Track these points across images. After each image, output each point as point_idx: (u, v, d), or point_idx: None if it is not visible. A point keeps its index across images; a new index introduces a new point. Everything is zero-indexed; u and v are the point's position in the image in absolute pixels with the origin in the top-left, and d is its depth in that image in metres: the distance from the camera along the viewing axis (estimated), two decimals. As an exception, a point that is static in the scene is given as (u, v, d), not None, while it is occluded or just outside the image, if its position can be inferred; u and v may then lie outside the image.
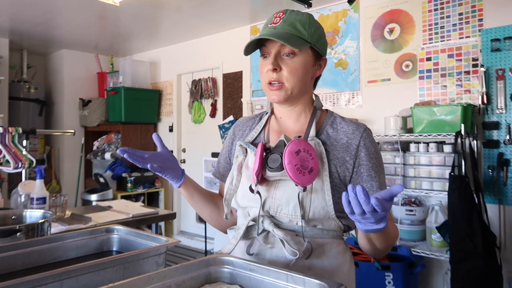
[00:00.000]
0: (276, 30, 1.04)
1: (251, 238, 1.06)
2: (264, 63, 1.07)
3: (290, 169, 0.95)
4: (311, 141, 1.05)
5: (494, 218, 2.67)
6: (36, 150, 5.02)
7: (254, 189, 1.03)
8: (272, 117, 1.18)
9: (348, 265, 1.07)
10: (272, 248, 1.03)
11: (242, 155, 1.11)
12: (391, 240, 1.00)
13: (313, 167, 0.97)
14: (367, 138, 1.07)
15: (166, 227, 5.09)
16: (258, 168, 1.01)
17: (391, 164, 2.87)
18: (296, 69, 1.04)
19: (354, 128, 1.08)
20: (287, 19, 1.05)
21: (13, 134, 2.46)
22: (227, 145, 1.24)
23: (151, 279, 0.82)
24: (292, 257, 0.97)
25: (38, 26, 4.25)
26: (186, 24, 4.23)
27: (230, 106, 4.46)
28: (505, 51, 2.65)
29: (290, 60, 1.04)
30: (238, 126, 1.24)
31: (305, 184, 0.96)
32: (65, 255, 1.17)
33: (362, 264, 2.62)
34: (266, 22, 1.08)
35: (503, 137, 2.65)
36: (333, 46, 3.58)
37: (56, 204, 2.08)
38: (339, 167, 1.04)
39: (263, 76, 1.08)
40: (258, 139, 1.15)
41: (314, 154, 0.99)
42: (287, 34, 1.02)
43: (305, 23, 1.05)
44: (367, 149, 1.05)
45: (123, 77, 4.97)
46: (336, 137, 1.07)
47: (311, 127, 1.08)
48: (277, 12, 1.08)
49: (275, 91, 1.05)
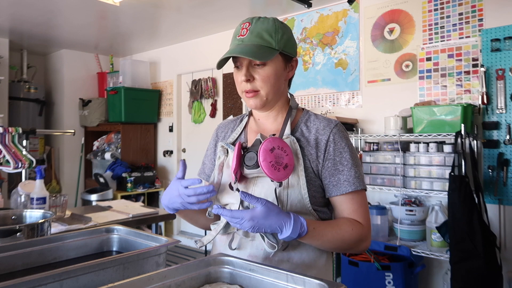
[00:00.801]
0: (244, 43, 1.08)
1: (231, 233, 1.11)
2: (237, 74, 1.13)
3: (265, 166, 0.99)
4: (287, 138, 1.11)
5: (494, 218, 2.67)
6: (36, 150, 5.02)
7: (233, 186, 1.08)
8: (251, 118, 1.25)
9: (325, 260, 1.12)
10: (253, 240, 1.08)
11: (223, 155, 1.17)
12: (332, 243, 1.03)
13: (287, 163, 1.02)
14: (336, 134, 1.11)
15: (166, 227, 5.09)
16: (235, 166, 1.06)
17: (391, 164, 2.87)
18: (268, 77, 1.09)
19: (325, 124, 1.13)
20: (254, 30, 1.08)
21: (13, 134, 2.46)
22: (211, 146, 1.31)
23: (151, 279, 0.82)
24: (270, 250, 1.02)
25: (38, 26, 4.25)
26: (186, 24, 4.23)
27: (230, 106, 4.46)
28: (505, 51, 2.65)
29: (262, 69, 1.09)
30: (220, 128, 1.31)
31: (280, 179, 1.01)
32: (65, 255, 1.17)
33: (362, 264, 2.62)
34: (235, 33, 1.13)
35: (503, 137, 2.65)
36: (333, 46, 3.58)
37: (56, 204, 2.08)
38: (312, 162, 1.09)
39: (238, 86, 1.14)
40: (239, 139, 1.21)
41: (288, 151, 1.03)
42: (254, 47, 1.06)
43: (271, 31, 1.09)
44: (335, 143, 1.10)
45: (123, 77, 4.97)
46: (309, 134, 1.13)
47: (286, 126, 1.13)
48: (243, 22, 1.11)
49: (251, 98, 1.11)
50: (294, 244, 1.07)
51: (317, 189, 1.09)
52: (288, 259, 1.07)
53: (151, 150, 5.28)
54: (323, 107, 3.63)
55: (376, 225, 2.83)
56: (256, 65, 1.09)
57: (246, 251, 1.08)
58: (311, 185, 1.07)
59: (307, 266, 1.07)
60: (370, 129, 3.30)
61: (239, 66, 1.12)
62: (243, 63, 1.10)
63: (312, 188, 1.07)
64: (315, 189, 1.08)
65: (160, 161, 5.33)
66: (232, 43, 1.12)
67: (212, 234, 1.11)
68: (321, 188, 1.10)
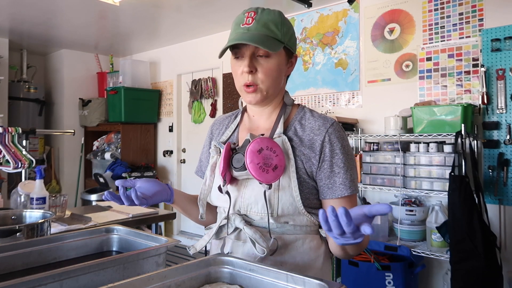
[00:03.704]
0: (250, 31, 1.02)
1: (222, 238, 1.09)
2: (237, 64, 1.06)
3: (252, 168, 0.96)
4: (278, 138, 1.06)
5: (494, 218, 2.67)
6: (36, 150, 5.02)
7: (222, 189, 1.05)
8: (245, 115, 1.20)
9: (321, 261, 1.07)
10: (245, 243, 1.05)
11: (216, 155, 1.13)
12: (364, 245, 1.02)
13: (277, 164, 0.97)
14: (332, 134, 1.05)
15: (166, 227, 5.09)
16: (223, 168, 1.03)
17: (391, 164, 2.87)
18: (271, 70, 1.04)
19: (321, 123, 1.07)
20: (260, 19, 1.02)
21: (13, 134, 2.46)
22: (206, 144, 1.28)
23: (151, 279, 0.82)
24: (260, 254, 1.00)
25: (38, 26, 4.25)
26: (186, 24, 4.22)
27: (230, 106, 4.46)
28: (505, 51, 2.65)
29: (265, 61, 1.03)
30: (215, 125, 1.28)
31: (269, 181, 0.97)
32: (65, 255, 1.17)
33: (362, 264, 2.62)
34: (237, 21, 1.05)
35: (503, 137, 2.65)
36: (333, 46, 3.58)
37: (56, 204, 2.07)
38: (305, 163, 1.04)
39: (238, 78, 1.07)
40: (232, 138, 1.17)
41: (278, 151, 0.99)
42: (262, 36, 1.01)
43: (277, 22, 1.04)
44: (331, 144, 1.04)
45: (123, 77, 4.97)
46: (302, 133, 1.07)
47: (278, 124, 1.09)
48: (247, 11, 1.05)
49: (251, 93, 1.05)
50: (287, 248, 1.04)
51: (310, 190, 1.04)
52: (281, 263, 1.03)
53: (151, 150, 5.28)
54: (323, 107, 3.63)
55: (376, 225, 2.83)
56: (259, 56, 1.03)
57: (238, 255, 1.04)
58: (303, 186, 1.03)
59: (301, 268, 1.04)
60: (370, 129, 3.30)
61: (239, 57, 1.05)
62: (246, 53, 1.03)
63: (304, 189, 1.03)
64: (308, 191, 1.03)
65: (160, 161, 5.33)
66: (234, 31, 1.05)
67: (205, 239, 1.09)
68: (315, 189, 1.05)
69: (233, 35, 1.04)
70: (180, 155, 5.11)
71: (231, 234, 1.07)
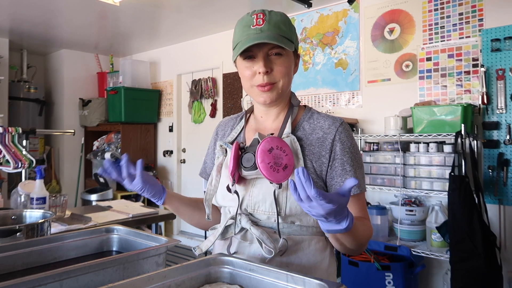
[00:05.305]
0: (264, 32, 1.02)
1: (229, 238, 1.08)
2: (250, 66, 1.05)
3: (263, 168, 0.95)
4: (287, 138, 1.06)
5: (494, 218, 2.67)
6: (36, 150, 5.02)
7: (231, 189, 1.05)
8: (252, 116, 1.20)
9: (327, 262, 1.07)
10: (251, 244, 1.05)
11: (222, 155, 1.13)
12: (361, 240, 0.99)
13: (287, 163, 0.97)
14: (342, 132, 1.06)
15: (166, 227, 5.09)
16: (233, 168, 1.03)
17: (391, 164, 2.87)
18: (286, 67, 1.05)
19: (330, 122, 1.08)
20: (270, 20, 1.03)
21: (13, 134, 2.46)
22: (211, 145, 1.27)
23: (151, 279, 0.82)
24: (267, 255, 0.99)
25: (38, 26, 4.25)
26: (186, 24, 4.22)
27: (230, 106, 4.46)
28: (505, 51, 2.65)
29: (279, 60, 1.04)
30: (220, 127, 1.27)
31: (280, 181, 0.97)
32: (65, 255, 1.17)
33: (362, 264, 2.62)
34: (245, 24, 1.04)
35: (503, 137, 2.65)
36: (333, 46, 3.58)
37: (56, 204, 2.07)
38: (315, 162, 1.04)
39: (250, 80, 1.06)
40: (238, 139, 1.17)
41: (288, 151, 0.99)
42: (277, 35, 1.01)
43: (286, 23, 1.06)
44: (342, 143, 1.05)
45: (123, 77, 4.97)
46: (312, 132, 1.08)
47: (286, 124, 1.09)
48: (255, 13, 1.04)
49: (267, 92, 1.05)
50: (293, 249, 1.04)
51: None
52: (287, 264, 1.03)
53: (151, 150, 5.28)
54: (323, 107, 3.63)
55: (376, 225, 2.83)
56: (273, 55, 1.04)
57: (244, 256, 1.05)
58: None
59: (307, 270, 1.03)
60: (370, 129, 3.30)
61: (252, 58, 1.04)
62: (259, 54, 1.03)
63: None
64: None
65: (160, 161, 5.33)
66: (244, 33, 1.04)
67: (210, 240, 1.09)
68: (323, 189, 1.05)
69: (245, 37, 1.03)
70: (180, 155, 5.11)
71: (237, 234, 1.07)
